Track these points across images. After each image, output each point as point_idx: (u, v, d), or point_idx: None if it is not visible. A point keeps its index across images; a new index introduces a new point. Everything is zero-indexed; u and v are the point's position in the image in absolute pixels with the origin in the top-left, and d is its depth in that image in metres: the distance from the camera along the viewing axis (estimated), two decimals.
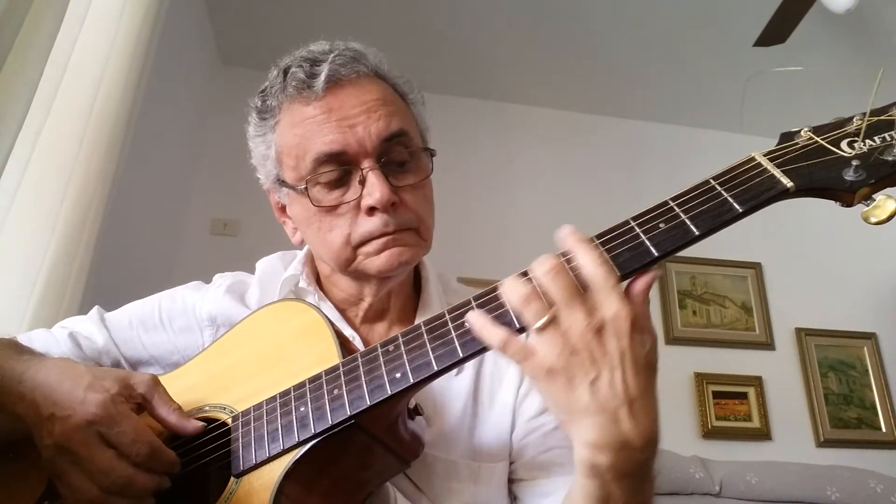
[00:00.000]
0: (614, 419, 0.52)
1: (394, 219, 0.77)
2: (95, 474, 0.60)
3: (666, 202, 0.58)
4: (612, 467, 0.53)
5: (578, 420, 0.53)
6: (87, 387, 0.63)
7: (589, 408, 0.52)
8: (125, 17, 1.54)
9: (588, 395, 0.52)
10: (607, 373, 0.52)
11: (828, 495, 2.31)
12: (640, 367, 0.53)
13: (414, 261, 0.82)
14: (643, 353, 0.53)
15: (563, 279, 0.54)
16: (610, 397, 0.52)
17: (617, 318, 0.53)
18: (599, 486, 0.55)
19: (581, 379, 0.52)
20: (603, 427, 0.52)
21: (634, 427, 0.52)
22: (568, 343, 0.53)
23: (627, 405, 0.52)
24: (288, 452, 0.63)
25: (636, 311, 0.54)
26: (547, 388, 0.54)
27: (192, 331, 0.88)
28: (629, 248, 0.57)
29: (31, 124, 1.26)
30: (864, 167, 0.54)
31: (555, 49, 3.10)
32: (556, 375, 0.53)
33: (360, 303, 0.87)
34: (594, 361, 0.52)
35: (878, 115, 0.56)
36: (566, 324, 0.53)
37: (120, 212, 1.72)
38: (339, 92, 0.78)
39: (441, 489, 0.76)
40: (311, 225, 0.81)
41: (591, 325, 0.53)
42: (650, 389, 0.54)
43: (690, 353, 3.07)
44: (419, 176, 0.81)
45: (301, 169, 0.79)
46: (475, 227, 3.08)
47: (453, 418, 0.80)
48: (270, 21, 2.92)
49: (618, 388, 0.52)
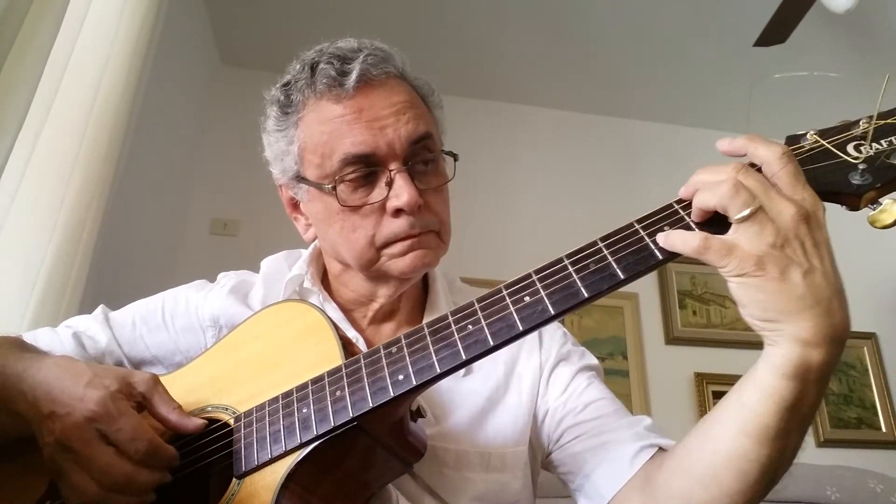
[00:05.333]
0: (828, 311, 0.51)
1: (418, 221, 0.77)
2: (95, 472, 0.60)
3: (670, 204, 0.58)
4: (821, 365, 0.52)
5: (791, 315, 0.51)
6: (87, 384, 0.63)
7: (805, 298, 0.51)
8: (125, 17, 1.54)
9: (803, 286, 0.51)
10: (818, 262, 0.52)
11: (827, 495, 2.31)
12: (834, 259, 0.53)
13: (435, 263, 0.82)
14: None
15: (757, 174, 0.54)
16: (823, 287, 0.51)
17: (816, 209, 0.53)
18: (798, 388, 0.53)
19: (794, 268, 0.51)
20: (818, 320, 0.51)
21: (843, 319, 0.52)
22: (780, 232, 0.51)
23: (838, 296, 0.52)
24: (290, 454, 0.63)
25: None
26: (757, 283, 0.52)
27: (194, 331, 0.88)
28: (633, 252, 0.57)
29: (31, 124, 1.26)
30: (870, 171, 0.54)
31: (556, 50, 3.09)
32: (768, 266, 0.51)
33: (370, 303, 0.87)
34: (805, 251, 0.52)
35: (884, 118, 0.56)
36: (774, 212, 0.52)
37: (120, 212, 1.71)
38: (370, 92, 0.78)
39: (454, 479, 0.77)
40: (332, 224, 0.80)
41: (799, 214, 0.52)
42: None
43: (690, 353, 3.07)
44: (441, 179, 0.83)
45: (326, 167, 0.78)
46: (477, 227, 3.08)
47: (462, 417, 0.80)
48: (270, 21, 2.92)
49: (830, 277, 0.52)
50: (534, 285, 0.59)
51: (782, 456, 0.57)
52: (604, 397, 0.82)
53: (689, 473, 0.63)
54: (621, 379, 2.93)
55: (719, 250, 0.53)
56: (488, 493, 0.78)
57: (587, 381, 0.84)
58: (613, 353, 3.02)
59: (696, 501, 0.61)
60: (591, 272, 0.57)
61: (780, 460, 0.57)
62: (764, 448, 0.56)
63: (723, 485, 0.58)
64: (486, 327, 0.59)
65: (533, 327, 0.58)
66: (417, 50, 3.38)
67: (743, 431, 0.56)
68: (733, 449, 0.57)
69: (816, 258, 0.52)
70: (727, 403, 0.60)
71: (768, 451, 0.56)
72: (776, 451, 0.56)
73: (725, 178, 0.54)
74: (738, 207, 0.52)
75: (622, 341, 3.05)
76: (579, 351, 0.90)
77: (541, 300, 0.57)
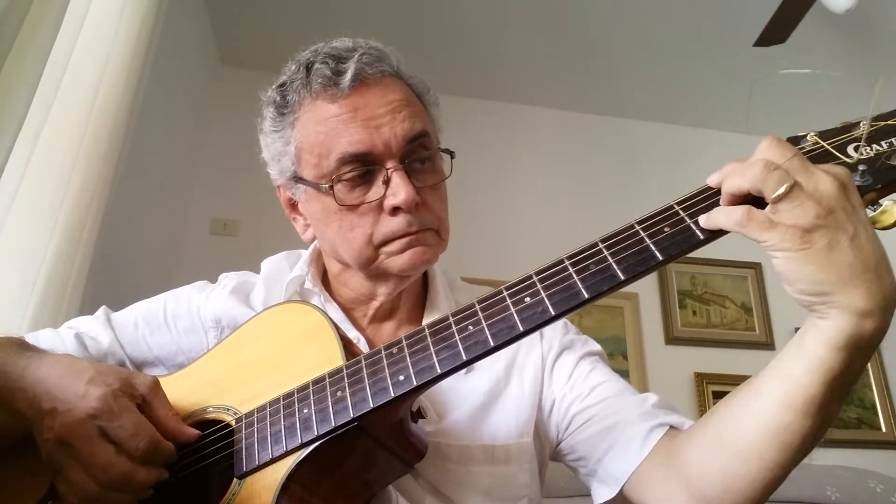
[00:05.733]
0: (878, 275, 0.51)
1: (416, 219, 0.77)
2: (94, 469, 0.60)
3: (671, 206, 0.58)
4: (874, 333, 0.52)
5: (843, 285, 0.51)
6: (89, 381, 0.63)
7: (854, 266, 0.50)
8: (125, 17, 1.54)
9: (851, 253, 0.50)
10: (862, 228, 0.52)
11: (827, 495, 2.31)
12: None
13: (434, 260, 0.82)
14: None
15: (787, 148, 0.54)
16: (870, 251, 0.51)
17: (848, 176, 0.53)
18: (848, 359, 0.53)
19: (841, 236, 0.51)
20: (870, 286, 0.51)
21: (892, 280, 0.52)
22: (821, 202, 0.51)
23: (884, 258, 0.52)
24: (291, 454, 0.63)
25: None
26: (804, 255, 0.51)
27: (196, 332, 0.88)
28: (634, 253, 0.57)
29: (31, 124, 1.26)
30: (870, 172, 0.54)
31: (556, 49, 3.10)
32: (815, 237, 0.50)
33: (370, 302, 0.87)
34: (849, 217, 0.51)
35: (884, 119, 0.56)
36: (811, 184, 0.51)
37: (120, 212, 1.71)
38: (365, 91, 0.78)
39: (458, 474, 0.77)
40: (330, 223, 0.81)
41: (836, 183, 0.51)
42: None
43: (690, 353, 3.07)
44: (438, 177, 0.82)
45: (323, 167, 0.78)
46: (477, 227, 3.08)
47: (464, 413, 0.81)
48: (270, 21, 2.92)
49: (874, 239, 0.52)
50: (534, 286, 0.59)
51: (822, 426, 0.57)
52: (608, 380, 0.82)
53: (726, 448, 0.62)
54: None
55: (762, 223, 0.52)
56: (495, 486, 0.78)
57: (590, 365, 0.84)
58: (613, 353, 3.02)
59: (734, 475, 0.61)
60: (591, 273, 0.57)
61: (821, 429, 0.57)
62: (808, 419, 0.56)
63: (764, 457, 0.59)
64: (486, 328, 0.59)
65: (534, 328, 0.58)
66: (418, 50, 3.39)
67: (788, 405, 0.56)
68: (776, 422, 0.57)
69: (860, 223, 0.52)
70: (766, 378, 0.60)
71: (812, 422, 0.56)
72: (818, 422, 0.56)
73: (755, 160, 0.54)
74: (773, 187, 0.52)
75: (622, 341, 3.05)
76: (582, 339, 0.90)
77: (541, 301, 0.58)
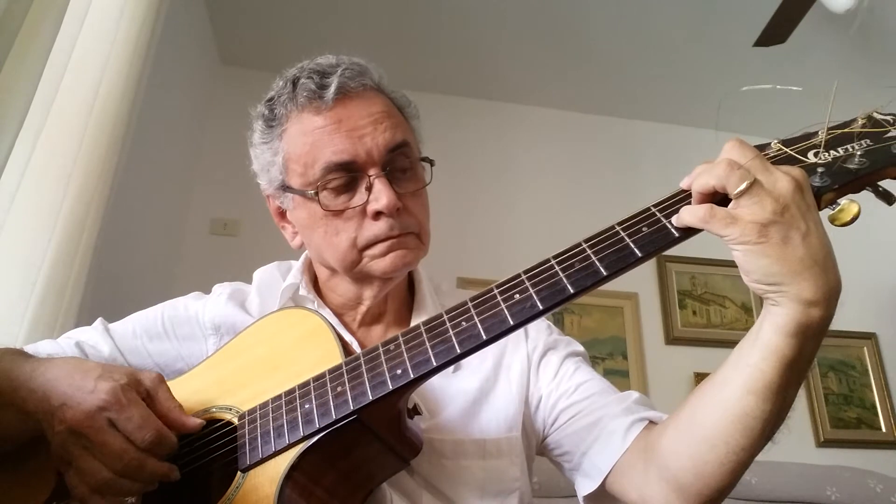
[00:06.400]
0: (825, 269, 0.56)
1: (398, 223, 0.81)
2: (108, 457, 0.62)
3: (648, 208, 0.62)
4: (820, 321, 0.57)
5: (794, 277, 0.55)
6: (98, 377, 0.65)
7: (804, 260, 0.55)
8: (125, 17, 1.54)
9: (803, 248, 0.55)
10: (813, 225, 0.56)
11: (827, 495, 2.31)
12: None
13: (415, 263, 0.86)
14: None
15: (749, 150, 0.59)
16: (819, 247, 0.56)
17: (804, 177, 0.58)
18: (799, 345, 0.58)
19: (794, 232, 0.55)
20: (818, 279, 0.55)
21: (836, 276, 0.57)
22: (779, 199, 0.56)
23: (830, 255, 0.57)
24: (293, 446, 0.65)
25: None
26: (760, 249, 0.56)
27: (195, 338, 0.91)
28: (615, 252, 0.61)
29: (31, 124, 1.26)
30: (828, 174, 0.59)
31: (555, 49, 3.10)
32: (771, 232, 0.55)
33: (358, 306, 0.91)
34: (803, 215, 0.56)
35: (840, 128, 0.62)
36: (770, 182, 0.56)
37: (120, 212, 1.72)
38: (348, 103, 0.83)
39: (452, 468, 0.80)
40: (316, 229, 0.85)
41: (794, 181, 0.56)
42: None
43: (690, 353, 3.07)
44: (418, 184, 0.87)
45: (309, 175, 0.82)
46: (475, 227, 3.08)
47: (456, 410, 0.84)
48: (270, 21, 2.92)
49: (823, 237, 0.56)
50: (523, 284, 0.63)
51: (781, 410, 0.62)
52: (592, 378, 0.88)
53: (696, 435, 0.67)
54: (621, 379, 2.93)
55: (723, 219, 0.57)
56: (487, 480, 0.81)
57: (575, 364, 0.90)
58: (613, 353, 3.02)
59: (704, 461, 0.66)
60: (576, 270, 0.61)
61: (779, 414, 0.63)
62: (767, 404, 0.61)
63: (730, 443, 0.63)
64: (478, 323, 0.63)
65: (523, 321, 0.62)
66: (418, 50, 3.39)
67: (749, 390, 0.61)
68: (740, 407, 0.62)
69: (812, 221, 0.56)
70: (730, 366, 0.64)
71: (771, 406, 0.61)
72: (777, 406, 0.61)
73: (720, 160, 0.59)
74: (735, 182, 0.56)
75: (622, 341, 3.05)
76: (565, 340, 0.95)
77: (530, 297, 0.62)
